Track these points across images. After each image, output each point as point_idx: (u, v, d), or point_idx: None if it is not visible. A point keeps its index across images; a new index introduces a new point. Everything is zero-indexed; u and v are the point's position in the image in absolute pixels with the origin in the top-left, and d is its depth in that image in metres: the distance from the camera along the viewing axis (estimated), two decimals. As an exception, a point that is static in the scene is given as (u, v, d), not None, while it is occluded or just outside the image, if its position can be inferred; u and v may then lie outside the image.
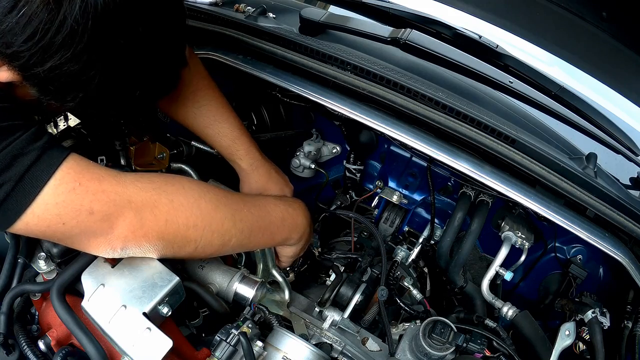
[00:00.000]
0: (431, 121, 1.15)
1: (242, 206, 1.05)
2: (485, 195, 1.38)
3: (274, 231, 1.13)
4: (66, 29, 0.68)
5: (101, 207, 0.83)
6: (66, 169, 0.81)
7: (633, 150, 1.44)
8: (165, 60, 0.86)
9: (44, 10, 0.67)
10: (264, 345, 0.97)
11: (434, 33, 1.41)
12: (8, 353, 0.96)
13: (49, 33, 0.68)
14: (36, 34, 0.68)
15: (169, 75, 0.91)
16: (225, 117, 1.24)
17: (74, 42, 0.69)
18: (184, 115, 1.22)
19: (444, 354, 1.09)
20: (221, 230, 0.99)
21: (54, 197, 0.79)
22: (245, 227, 1.04)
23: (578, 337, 1.19)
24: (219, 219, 0.98)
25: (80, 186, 0.81)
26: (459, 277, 1.41)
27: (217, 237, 0.98)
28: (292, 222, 1.18)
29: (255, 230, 1.07)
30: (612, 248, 1.14)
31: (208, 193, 0.99)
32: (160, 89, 0.94)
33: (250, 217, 1.06)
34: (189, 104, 1.20)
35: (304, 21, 1.49)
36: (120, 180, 0.87)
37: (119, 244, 0.88)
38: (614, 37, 1.10)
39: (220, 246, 1.01)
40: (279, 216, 1.14)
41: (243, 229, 1.03)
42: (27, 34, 0.68)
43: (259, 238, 1.10)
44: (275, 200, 1.20)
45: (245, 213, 1.04)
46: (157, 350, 0.86)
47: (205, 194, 0.98)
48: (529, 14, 1.18)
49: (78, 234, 0.85)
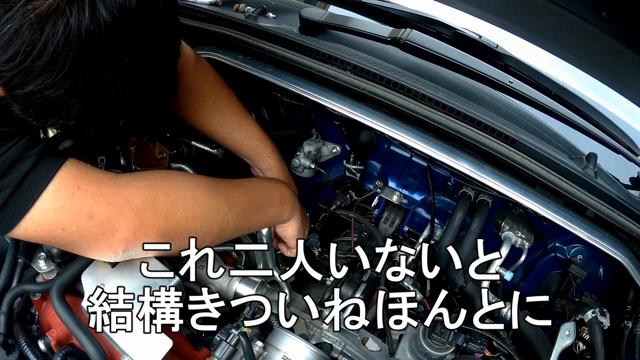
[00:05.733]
0: (431, 121, 1.15)
1: (232, 189, 1.07)
2: (485, 195, 1.38)
3: (265, 207, 1.16)
4: (48, 54, 0.66)
5: (101, 211, 0.83)
6: (64, 174, 0.81)
7: (633, 150, 1.44)
8: (153, 92, 0.83)
9: (27, 32, 0.64)
10: (264, 345, 0.97)
11: (434, 33, 1.40)
12: (8, 353, 0.96)
13: (31, 56, 0.66)
14: (18, 55, 0.66)
15: (157, 106, 0.89)
16: (249, 120, 1.31)
17: (55, 68, 0.67)
18: (208, 123, 1.26)
19: (444, 354, 1.09)
20: (218, 217, 1.00)
21: (52, 203, 0.79)
22: (240, 209, 1.06)
23: (578, 337, 1.19)
24: (215, 206, 1.00)
25: (79, 190, 0.81)
26: (459, 277, 1.40)
27: (215, 225, 1.00)
28: (278, 194, 1.21)
29: (249, 210, 1.10)
30: (612, 248, 1.14)
31: (201, 183, 1.01)
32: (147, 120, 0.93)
33: (242, 198, 1.08)
34: (213, 113, 1.24)
35: (304, 21, 1.49)
36: (117, 181, 0.87)
37: (121, 246, 0.88)
38: (614, 37, 1.10)
39: (219, 232, 1.02)
40: (265, 191, 1.19)
41: (238, 211, 1.05)
42: (9, 53, 0.66)
43: (254, 217, 1.13)
44: (257, 179, 1.31)
45: (237, 195, 1.07)
46: (157, 350, 0.86)
47: (199, 184, 1.00)
48: (529, 14, 1.18)
49: (78, 239, 0.85)
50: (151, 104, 0.86)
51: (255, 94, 1.57)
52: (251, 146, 1.31)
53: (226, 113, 1.26)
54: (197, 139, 1.45)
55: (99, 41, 0.68)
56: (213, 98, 1.24)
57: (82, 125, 0.79)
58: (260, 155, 1.33)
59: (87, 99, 0.73)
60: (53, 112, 0.74)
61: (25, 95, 0.70)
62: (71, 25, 0.65)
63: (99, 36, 0.67)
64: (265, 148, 1.33)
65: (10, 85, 0.70)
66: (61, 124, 0.77)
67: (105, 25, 0.67)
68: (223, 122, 1.26)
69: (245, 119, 1.30)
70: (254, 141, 1.31)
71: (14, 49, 0.65)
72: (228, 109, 1.26)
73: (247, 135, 1.30)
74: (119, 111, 0.80)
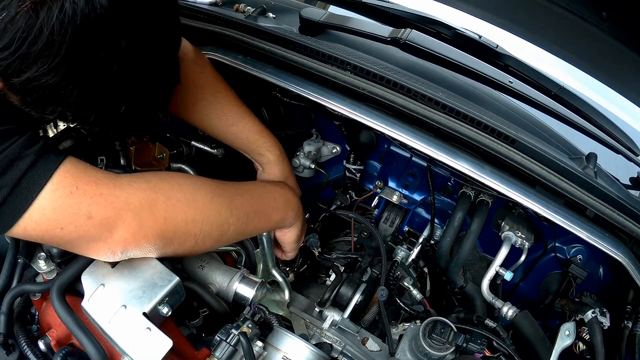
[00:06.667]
0: (431, 121, 1.15)
1: (235, 194, 1.06)
2: (485, 195, 1.38)
3: (269, 213, 1.14)
4: (43, 39, 0.65)
5: (99, 211, 0.83)
6: (63, 173, 0.80)
7: (633, 150, 1.44)
8: (154, 77, 0.83)
9: (22, 19, 0.64)
10: (264, 345, 0.97)
11: (434, 33, 1.41)
12: (8, 353, 0.96)
13: (26, 43, 0.65)
14: (13, 42, 0.65)
15: (159, 91, 0.89)
16: (247, 114, 1.27)
17: (51, 53, 0.67)
18: (206, 117, 1.23)
19: (444, 354, 1.09)
20: (219, 221, 0.99)
21: (51, 202, 0.79)
22: (241, 214, 1.04)
23: (578, 337, 1.19)
24: (216, 209, 0.99)
25: (77, 190, 0.81)
26: (459, 277, 1.41)
27: (215, 228, 0.98)
28: (284, 200, 1.19)
29: (251, 215, 1.07)
30: (612, 248, 1.14)
31: (202, 186, 0.99)
32: (150, 106, 0.91)
33: (245, 203, 1.06)
34: (210, 106, 1.22)
35: (304, 21, 1.49)
36: (117, 182, 0.87)
37: (119, 247, 0.87)
38: (614, 37, 1.10)
39: (219, 236, 1.01)
40: (271, 197, 1.16)
41: (240, 216, 1.03)
42: (4, 41, 0.66)
43: (256, 222, 1.10)
44: (263, 183, 1.25)
45: (240, 200, 1.05)
46: (157, 350, 0.86)
47: (200, 187, 0.99)
48: (529, 14, 1.19)
49: (77, 239, 0.84)
50: (152, 90, 0.86)
51: (255, 94, 1.57)
52: (250, 139, 1.28)
53: (224, 106, 1.24)
54: (197, 139, 1.45)
55: (95, 25, 0.67)
56: (210, 90, 1.22)
57: (81, 113, 0.79)
58: (259, 149, 1.30)
59: (85, 85, 0.73)
60: (51, 100, 0.74)
61: (22, 84, 0.70)
62: (66, 9, 0.65)
63: (95, 20, 0.66)
64: (265, 142, 1.29)
65: (6, 74, 0.69)
66: (60, 111, 0.77)
67: (101, 9, 0.66)
68: (221, 115, 1.24)
69: (244, 112, 1.27)
70: (253, 134, 1.27)
71: (9, 36, 0.65)
72: (226, 102, 1.24)
73: (246, 129, 1.26)
74: (119, 97, 0.79)
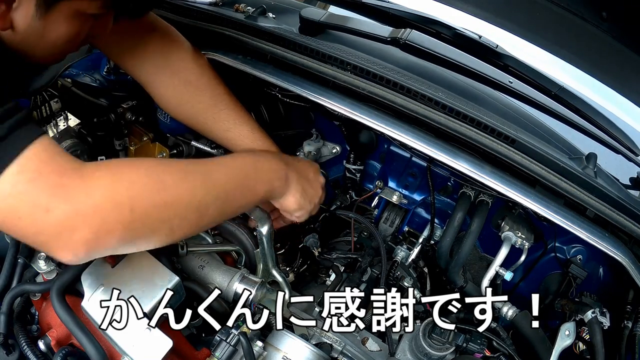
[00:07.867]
0: (431, 121, 1.15)
1: (209, 170, 0.98)
2: (485, 195, 1.38)
3: (252, 185, 1.05)
4: None
5: (58, 205, 0.75)
6: (30, 155, 0.74)
7: (633, 150, 1.44)
8: None
9: None
10: (264, 345, 0.97)
11: (433, 33, 1.40)
12: (8, 353, 0.96)
13: None
14: None
15: None
16: (247, 118, 1.27)
17: None
18: (203, 120, 1.23)
19: (444, 354, 1.09)
20: (194, 202, 0.90)
21: (11, 186, 0.72)
22: (220, 191, 0.96)
23: (578, 337, 1.19)
24: (189, 190, 0.90)
25: (40, 177, 0.74)
26: (459, 277, 1.40)
27: (191, 211, 0.90)
28: (267, 168, 1.11)
29: (231, 191, 1.00)
30: (612, 248, 1.14)
31: (171, 166, 0.92)
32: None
33: (223, 178, 0.99)
34: (209, 109, 1.22)
35: (304, 21, 1.49)
36: (81, 172, 0.79)
37: (82, 249, 0.78)
38: (614, 37, 1.10)
39: (197, 219, 0.92)
40: (251, 167, 1.08)
41: (218, 194, 0.96)
42: None
43: (239, 198, 1.02)
44: (242, 154, 1.18)
45: (216, 176, 0.98)
46: (157, 350, 0.86)
47: (168, 167, 0.91)
48: (528, 14, 1.18)
49: (35, 235, 0.77)
50: None
51: (255, 94, 1.57)
52: (248, 144, 1.25)
53: (222, 110, 1.23)
54: (197, 139, 1.45)
55: None
56: (209, 93, 1.21)
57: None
58: None
59: None
60: None
61: None
62: None
63: None
64: (262, 148, 1.26)
65: None
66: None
67: None
68: (218, 120, 1.23)
69: (242, 117, 1.25)
70: (248, 142, 1.25)
71: None
72: (224, 105, 1.23)
73: (242, 135, 1.25)
74: None
